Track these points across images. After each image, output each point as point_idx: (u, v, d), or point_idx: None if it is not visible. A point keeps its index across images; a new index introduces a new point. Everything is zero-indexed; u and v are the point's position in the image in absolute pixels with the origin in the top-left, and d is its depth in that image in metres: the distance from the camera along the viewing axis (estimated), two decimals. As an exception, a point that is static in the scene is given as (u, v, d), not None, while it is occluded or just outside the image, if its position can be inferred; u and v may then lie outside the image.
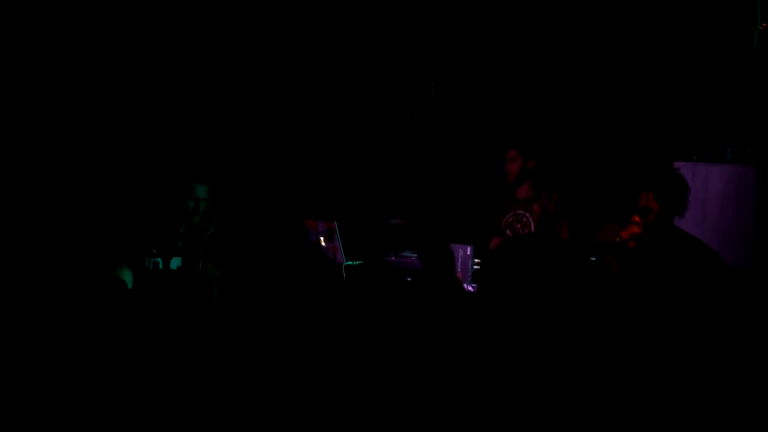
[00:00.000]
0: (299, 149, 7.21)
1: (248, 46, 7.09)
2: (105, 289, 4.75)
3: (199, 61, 6.97)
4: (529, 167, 6.10)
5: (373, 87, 7.32)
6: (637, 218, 4.88)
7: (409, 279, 4.97)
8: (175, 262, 5.35)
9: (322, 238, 5.66)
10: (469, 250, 5.38)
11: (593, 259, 5.24)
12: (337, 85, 7.29)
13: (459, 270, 5.33)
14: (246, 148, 7.09)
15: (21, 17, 6.33)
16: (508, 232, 6.15)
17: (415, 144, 7.35)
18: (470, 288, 5.25)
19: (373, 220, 6.96)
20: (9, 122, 6.35)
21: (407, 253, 5.82)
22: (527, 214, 6.07)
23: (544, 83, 6.99)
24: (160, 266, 5.28)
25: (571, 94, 6.91)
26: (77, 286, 4.67)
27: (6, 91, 6.36)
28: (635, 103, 6.71)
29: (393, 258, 5.70)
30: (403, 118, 7.28)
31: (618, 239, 4.77)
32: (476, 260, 5.44)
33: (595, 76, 6.81)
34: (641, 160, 6.52)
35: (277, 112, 7.21)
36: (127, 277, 5.14)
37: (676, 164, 4.92)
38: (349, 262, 5.40)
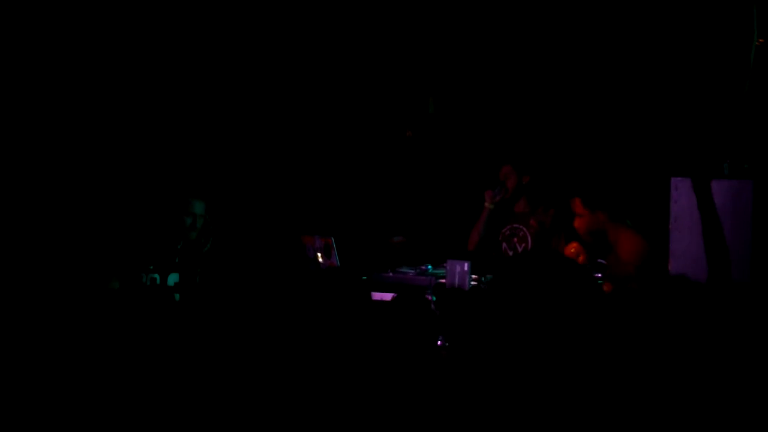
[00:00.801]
0: (297, 165, 7.21)
1: (246, 61, 7.09)
2: (101, 304, 4.74)
3: (198, 76, 6.97)
4: (525, 182, 6.12)
5: (372, 102, 7.33)
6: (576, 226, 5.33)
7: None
8: (173, 278, 5.35)
9: (319, 254, 5.66)
10: (466, 266, 5.37)
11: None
12: (335, 101, 7.29)
13: (456, 284, 5.33)
14: (243, 163, 7.08)
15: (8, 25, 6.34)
16: (504, 245, 6.16)
17: (414, 160, 7.35)
18: None
19: (371, 236, 6.95)
20: (6, 136, 6.36)
21: (404, 269, 5.82)
22: (524, 228, 6.08)
23: (540, 98, 6.99)
24: (158, 282, 5.27)
25: (569, 109, 6.92)
26: (74, 300, 4.66)
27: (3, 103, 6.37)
28: (632, 119, 6.71)
29: (390, 273, 5.70)
30: (402, 135, 7.29)
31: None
32: (473, 276, 5.44)
33: (592, 91, 6.82)
34: (638, 175, 6.53)
35: (274, 128, 7.21)
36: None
37: (674, 180, 4.91)
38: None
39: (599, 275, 5.41)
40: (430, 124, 7.28)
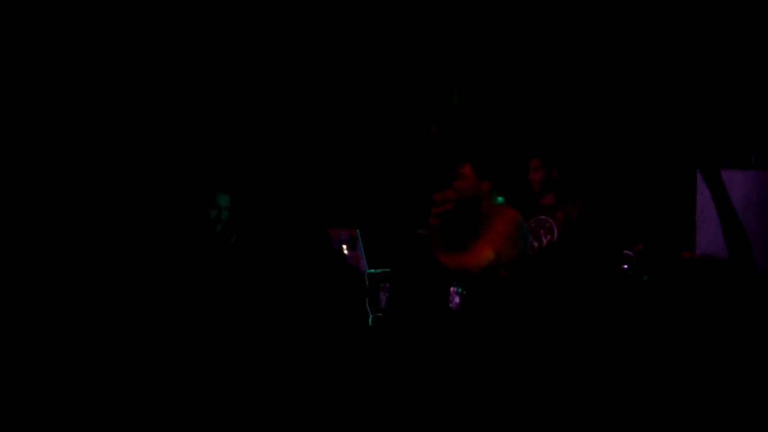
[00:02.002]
0: (321, 157, 7.23)
1: (271, 57, 7.11)
2: (124, 296, 4.77)
3: (222, 70, 7.00)
4: (554, 176, 6.11)
5: (396, 94, 7.33)
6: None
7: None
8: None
9: (344, 247, 5.66)
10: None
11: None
12: (359, 93, 7.30)
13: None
14: (268, 156, 7.10)
15: (25, 19, 6.38)
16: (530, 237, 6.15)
17: (439, 152, 7.35)
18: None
19: (396, 228, 6.95)
20: (27, 131, 6.40)
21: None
22: (550, 220, 6.06)
23: (567, 91, 6.97)
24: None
25: (596, 101, 6.89)
26: (93, 293, 4.70)
27: (23, 97, 6.41)
28: (660, 111, 6.68)
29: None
30: (427, 127, 7.28)
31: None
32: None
33: (620, 84, 6.79)
34: (665, 167, 6.50)
35: (299, 121, 7.23)
36: None
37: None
38: (372, 270, 5.40)
39: (625, 266, 5.38)
40: (455, 115, 7.28)
